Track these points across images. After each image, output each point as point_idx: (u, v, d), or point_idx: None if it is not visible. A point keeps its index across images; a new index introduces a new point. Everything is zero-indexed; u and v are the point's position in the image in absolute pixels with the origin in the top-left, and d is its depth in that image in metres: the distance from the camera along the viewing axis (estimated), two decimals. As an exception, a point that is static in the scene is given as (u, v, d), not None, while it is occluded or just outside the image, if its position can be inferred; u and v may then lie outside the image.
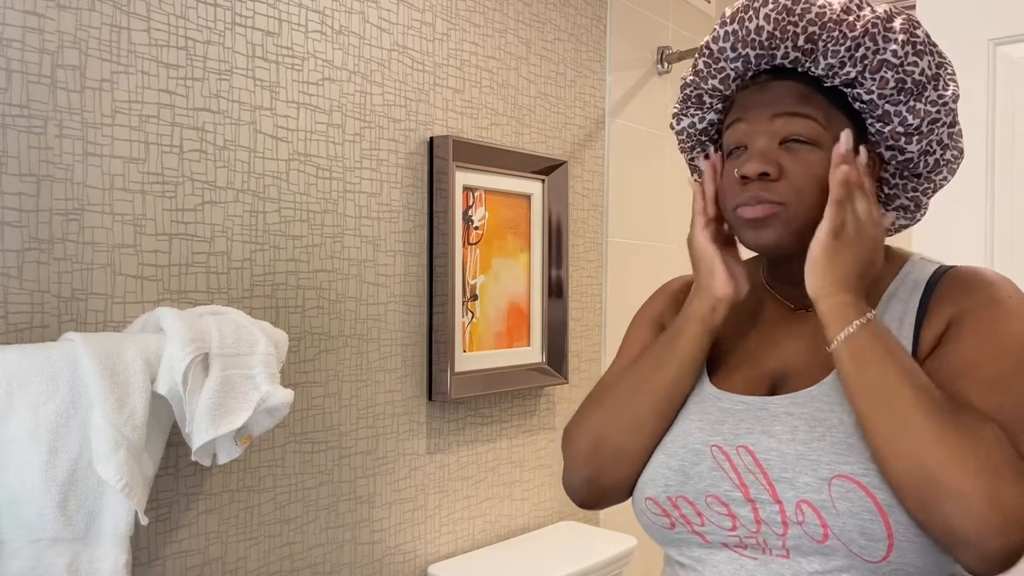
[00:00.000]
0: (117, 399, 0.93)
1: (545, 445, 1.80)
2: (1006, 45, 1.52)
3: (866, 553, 0.69)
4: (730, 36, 0.81)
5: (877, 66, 0.78)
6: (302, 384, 1.31)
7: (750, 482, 0.75)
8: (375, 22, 1.41)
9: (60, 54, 1.03)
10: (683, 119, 0.92)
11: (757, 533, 0.75)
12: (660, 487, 0.81)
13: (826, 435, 0.74)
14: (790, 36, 0.78)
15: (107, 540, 0.95)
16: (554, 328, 1.75)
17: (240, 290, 1.22)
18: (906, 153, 0.82)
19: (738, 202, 0.80)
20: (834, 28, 0.77)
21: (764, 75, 0.83)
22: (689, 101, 0.90)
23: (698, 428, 0.81)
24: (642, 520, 0.84)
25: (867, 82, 0.79)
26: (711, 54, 0.84)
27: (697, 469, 0.79)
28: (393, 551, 1.47)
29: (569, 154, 1.84)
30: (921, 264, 0.83)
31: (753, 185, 0.78)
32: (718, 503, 0.77)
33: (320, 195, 1.33)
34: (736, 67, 0.83)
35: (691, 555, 0.80)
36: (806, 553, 0.73)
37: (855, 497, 0.70)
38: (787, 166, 0.78)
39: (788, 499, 0.73)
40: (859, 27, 0.76)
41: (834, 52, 0.78)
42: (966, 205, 1.54)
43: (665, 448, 0.83)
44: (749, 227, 0.80)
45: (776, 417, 0.78)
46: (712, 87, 0.87)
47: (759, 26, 0.79)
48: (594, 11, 1.90)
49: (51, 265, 1.03)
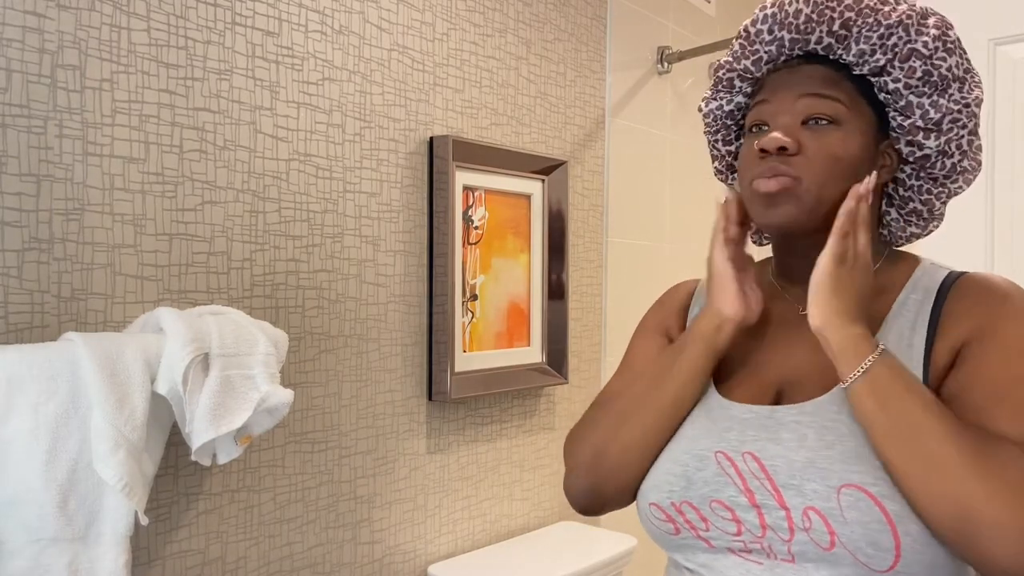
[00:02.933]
0: (117, 399, 0.93)
1: (545, 445, 1.80)
2: (1006, 45, 1.52)
3: (873, 563, 0.69)
4: (768, 19, 0.83)
5: (907, 55, 0.79)
6: (302, 384, 1.31)
7: (755, 488, 0.75)
8: (375, 22, 1.41)
9: (60, 54, 1.03)
10: (712, 102, 0.94)
11: (762, 538, 0.75)
12: (664, 493, 0.81)
13: (835, 444, 0.74)
14: (827, 20, 0.80)
15: (107, 540, 0.95)
16: (554, 328, 1.75)
17: (240, 290, 1.22)
18: (924, 149, 0.83)
19: (754, 174, 0.81)
20: (870, 15, 0.79)
21: (795, 59, 0.85)
22: (720, 84, 0.92)
23: (704, 435, 0.81)
24: (647, 526, 0.84)
25: (895, 71, 0.81)
26: (748, 36, 0.86)
27: (701, 475, 0.79)
28: (393, 551, 1.47)
29: (569, 154, 1.84)
30: (932, 269, 0.83)
31: (771, 158, 0.80)
32: (723, 508, 0.77)
33: (320, 195, 1.33)
34: (770, 50, 0.85)
35: (696, 560, 0.80)
36: (812, 560, 0.72)
37: (864, 506, 0.70)
38: (806, 143, 0.79)
39: (795, 506, 0.73)
40: (894, 16, 0.79)
41: (867, 38, 0.80)
42: (966, 205, 1.54)
43: (670, 455, 0.83)
44: (762, 203, 0.81)
45: (784, 425, 0.77)
46: (744, 68, 0.88)
47: (798, 9, 0.81)
48: (594, 11, 1.90)
49: (51, 265, 1.03)
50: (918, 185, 0.87)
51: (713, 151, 0.99)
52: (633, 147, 2.03)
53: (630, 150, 2.02)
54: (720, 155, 0.99)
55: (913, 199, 0.88)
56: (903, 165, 0.86)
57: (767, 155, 0.80)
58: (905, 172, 0.87)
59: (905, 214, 0.89)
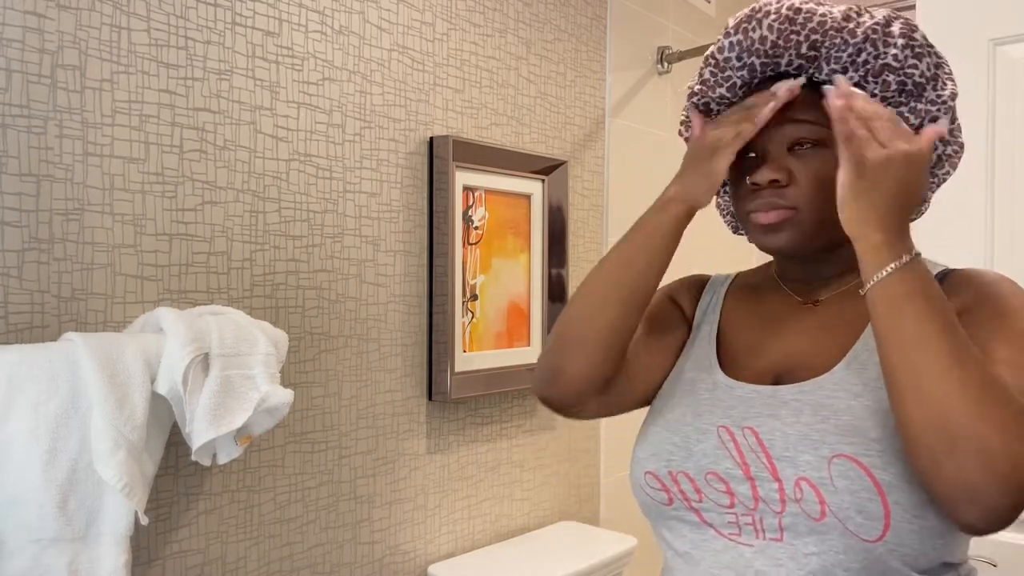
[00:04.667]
0: (117, 399, 0.93)
1: (545, 445, 1.80)
2: (1006, 45, 1.52)
3: (862, 532, 0.70)
4: (735, 46, 0.84)
5: (879, 70, 0.80)
6: (302, 384, 1.31)
7: (751, 460, 0.76)
8: (375, 22, 1.41)
9: (60, 54, 1.03)
10: (692, 127, 0.94)
11: (754, 511, 0.75)
12: (662, 461, 0.82)
13: (830, 418, 0.75)
14: (793, 44, 0.81)
15: (107, 540, 0.95)
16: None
17: (240, 290, 1.22)
18: None
19: (751, 208, 0.82)
20: (836, 35, 0.79)
21: (770, 80, 0.85)
22: (696, 110, 0.92)
23: (708, 411, 0.83)
24: (640, 496, 0.85)
25: (869, 85, 0.81)
26: (717, 64, 0.86)
27: (701, 447, 0.80)
28: (393, 551, 1.47)
29: (569, 154, 1.84)
30: (928, 265, 0.84)
31: (765, 192, 0.81)
32: (718, 480, 0.78)
33: (320, 195, 1.33)
34: (742, 75, 0.86)
35: (686, 540, 0.81)
36: (801, 534, 0.73)
37: (854, 475, 0.70)
38: (796, 171, 0.80)
39: (787, 477, 0.74)
40: (860, 33, 0.79)
41: (836, 58, 0.80)
42: (966, 204, 1.54)
43: (668, 424, 0.84)
44: (763, 232, 0.82)
45: (784, 403, 0.79)
46: (720, 95, 0.89)
47: (763, 36, 0.81)
48: (594, 11, 1.90)
49: (51, 265, 1.03)
50: None
51: None
52: (633, 147, 2.03)
53: (630, 150, 2.02)
54: None
55: None
56: None
57: (760, 188, 0.81)
58: None
59: None
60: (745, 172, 0.84)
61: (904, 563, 0.70)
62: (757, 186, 0.81)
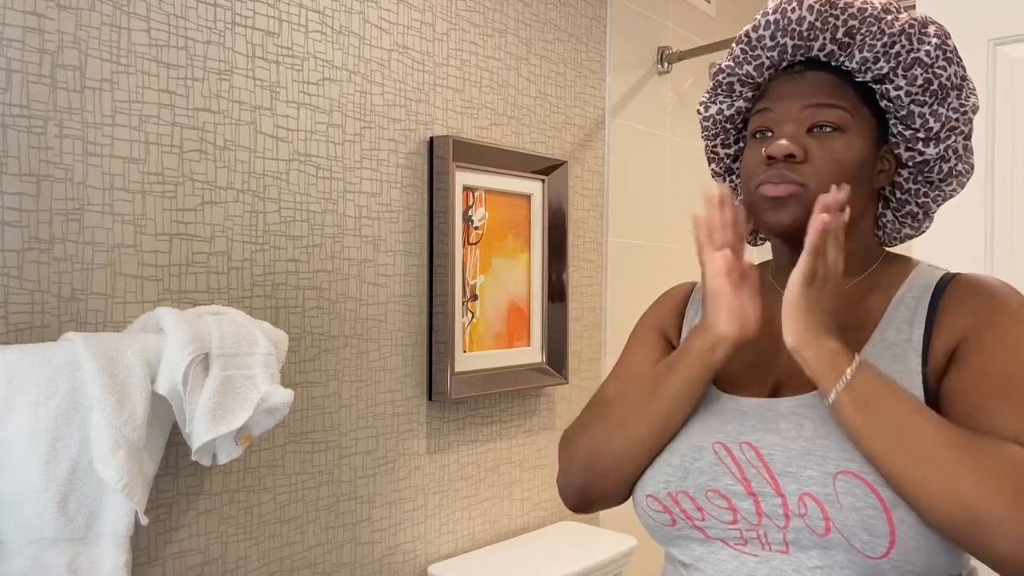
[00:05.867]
0: (117, 399, 0.93)
1: (545, 445, 1.80)
2: (1006, 45, 1.52)
3: (868, 549, 0.70)
4: (771, 24, 0.84)
5: (910, 63, 0.81)
6: (302, 384, 1.31)
7: (752, 476, 0.76)
8: (375, 22, 1.41)
9: (60, 54, 1.03)
10: (711, 106, 0.95)
11: (758, 526, 0.75)
12: (661, 483, 0.81)
13: (832, 432, 0.74)
14: (830, 28, 0.81)
15: (107, 540, 0.95)
16: (554, 328, 1.75)
17: (240, 290, 1.22)
18: (924, 155, 0.85)
19: (761, 180, 0.82)
20: (874, 23, 0.80)
21: (798, 65, 0.85)
22: (719, 88, 0.92)
23: (702, 428, 0.82)
24: (644, 520, 0.85)
25: (898, 78, 0.82)
26: (749, 42, 0.86)
27: (698, 464, 0.80)
28: (393, 551, 1.47)
29: (569, 154, 1.84)
30: (928, 270, 0.85)
31: (779, 165, 0.81)
32: (719, 497, 0.77)
33: (320, 195, 1.33)
34: (772, 56, 0.86)
35: (693, 554, 0.80)
36: (806, 547, 0.73)
37: (859, 492, 0.70)
38: (812, 150, 0.81)
39: (791, 492, 0.73)
40: (897, 25, 0.80)
41: (871, 46, 0.81)
42: (966, 206, 1.54)
43: (669, 449, 0.84)
44: (769, 206, 0.82)
45: (783, 416, 0.78)
46: (746, 73, 0.89)
47: (801, 16, 0.82)
48: (594, 11, 1.90)
49: (51, 265, 1.03)
50: (915, 188, 0.88)
51: (711, 154, 1.00)
52: (633, 147, 2.03)
53: (630, 150, 2.02)
54: (719, 158, 0.99)
55: (910, 202, 0.90)
56: (901, 169, 0.88)
57: (774, 162, 0.81)
58: (903, 176, 0.88)
59: (901, 216, 0.91)
60: (759, 152, 0.84)
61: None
62: (772, 160, 0.81)
